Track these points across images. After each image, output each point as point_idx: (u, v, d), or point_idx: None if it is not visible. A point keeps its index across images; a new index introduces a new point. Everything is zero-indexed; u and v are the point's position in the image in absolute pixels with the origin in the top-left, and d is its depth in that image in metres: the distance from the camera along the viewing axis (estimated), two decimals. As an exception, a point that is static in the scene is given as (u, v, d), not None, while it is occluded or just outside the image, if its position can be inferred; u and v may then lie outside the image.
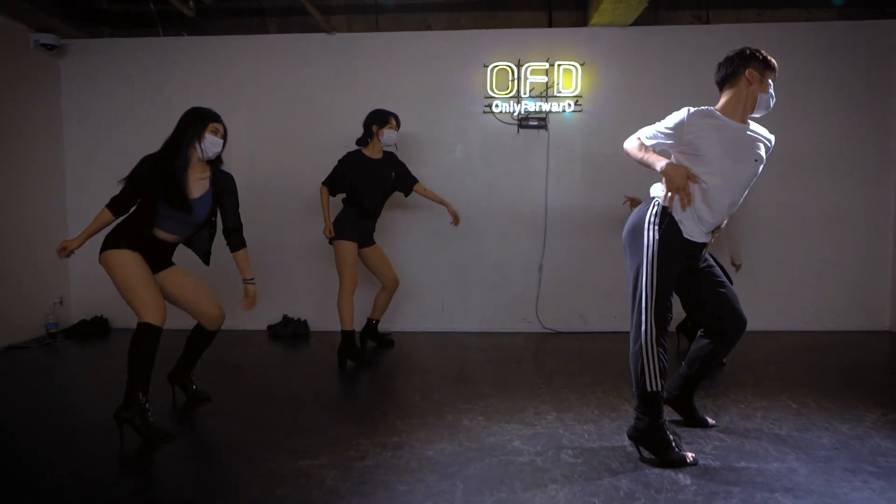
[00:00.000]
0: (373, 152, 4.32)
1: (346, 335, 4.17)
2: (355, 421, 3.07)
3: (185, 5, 4.78)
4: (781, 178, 4.99)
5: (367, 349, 4.59)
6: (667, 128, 2.62)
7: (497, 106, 5.07)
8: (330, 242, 4.26)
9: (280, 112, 5.24)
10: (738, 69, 2.68)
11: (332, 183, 4.32)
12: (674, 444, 2.51)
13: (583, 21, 5.17)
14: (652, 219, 2.58)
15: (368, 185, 4.25)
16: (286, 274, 5.26)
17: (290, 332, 5.11)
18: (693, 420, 2.93)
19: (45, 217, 5.19)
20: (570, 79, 5.02)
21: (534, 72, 5.02)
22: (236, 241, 3.28)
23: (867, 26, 4.99)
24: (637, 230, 2.61)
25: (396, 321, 5.20)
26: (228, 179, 3.23)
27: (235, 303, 4.75)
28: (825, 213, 5.06)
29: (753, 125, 2.75)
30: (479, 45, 5.08)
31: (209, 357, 3.64)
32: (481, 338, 5.00)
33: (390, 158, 4.42)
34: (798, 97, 5.01)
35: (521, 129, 5.10)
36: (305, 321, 5.22)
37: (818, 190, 5.05)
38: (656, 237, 2.54)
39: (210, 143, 3.07)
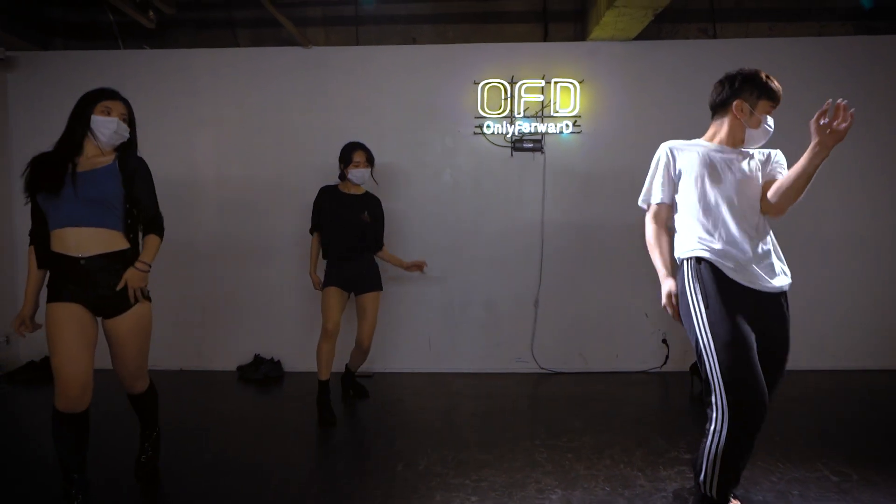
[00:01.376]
0: (348, 188, 3.91)
1: (320, 386, 3.72)
2: (328, 495, 2.61)
3: (144, 15, 4.33)
4: (806, 200, 4.61)
5: (348, 398, 4.13)
6: (658, 175, 2.49)
7: (488, 127, 4.65)
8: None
9: (251, 131, 4.79)
10: (727, 99, 2.37)
11: (314, 223, 3.93)
12: None
13: (581, 35, 4.79)
14: (688, 276, 2.17)
15: (337, 221, 3.81)
16: (258, 308, 4.79)
17: (262, 374, 4.63)
18: None
19: (-10, 247, 4.70)
20: (567, 97, 4.62)
21: (528, 90, 4.62)
22: (152, 228, 2.70)
23: (884, 41, 4.65)
24: (681, 300, 2.21)
25: (380, 360, 4.75)
26: (139, 161, 2.68)
27: (204, 338, 4.30)
28: (844, 237, 4.69)
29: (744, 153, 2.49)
30: (469, 61, 4.67)
31: (169, 404, 3.16)
32: (472, 380, 4.56)
33: (369, 200, 3.95)
34: (810, 116, 4.64)
35: (514, 152, 4.68)
36: (279, 361, 4.75)
37: (837, 212, 4.68)
38: (697, 290, 2.12)
39: (100, 124, 2.55)
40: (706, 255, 2.22)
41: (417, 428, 3.59)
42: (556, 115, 4.64)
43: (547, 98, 4.63)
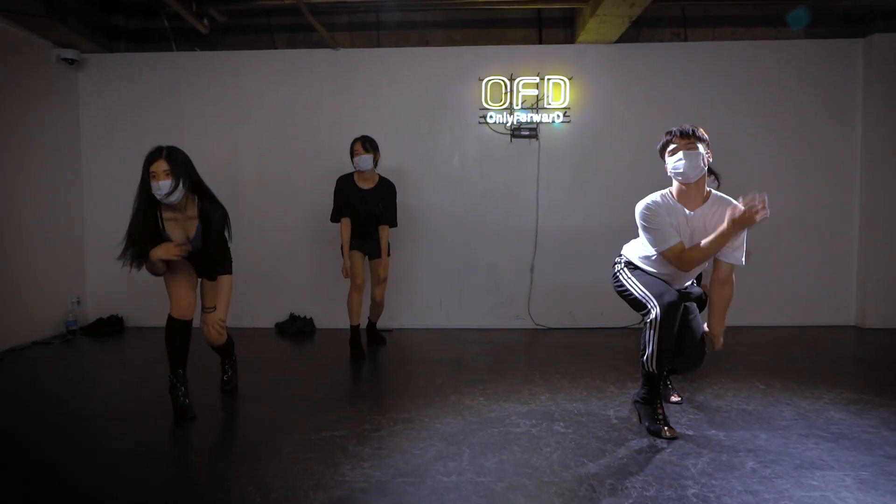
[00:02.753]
0: (360, 180, 4.44)
1: (352, 330, 4.50)
2: (367, 401, 3.40)
3: (200, 22, 5.11)
4: (758, 184, 5.37)
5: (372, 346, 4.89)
6: (650, 225, 2.81)
7: (491, 117, 5.43)
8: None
9: (287, 122, 5.57)
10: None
11: (336, 211, 4.48)
12: (659, 419, 2.85)
13: (570, 38, 5.56)
14: (621, 268, 3.12)
15: (358, 209, 4.45)
16: (293, 274, 5.57)
17: (297, 329, 5.41)
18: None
19: (65, 224, 5.47)
20: (559, 92, 5.39)
21: (525, 85, 5.40)
22: (222, 269, 3.30)
23: (833, 44, 5.41)
24: (615, 281, 3.11)
25: (397, 318, 5.53)
26: (213, 213, 3.13)
27: (247, 300, 4.98)
28: (796, 216, 5.44)
29: (714, 200, 2.84)
30: (474, 61, 5.45)
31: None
32: (478, 333, 5.33)
33: (382, 190, 4.48)
34: (770, 109, 5.43)
35: (513, 139, 5.46)
36: (311, 319, 5.53)
37: (790, 194, 5.43)
38: (626, 270, 3.09)
39: (156, 190, 2.94)
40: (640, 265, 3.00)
41: (433, 361, 4.36)
42: (549, 107, 5.41)
43: (541, 92, 5.41)
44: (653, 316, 2.76)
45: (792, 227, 5.45)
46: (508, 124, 5.44)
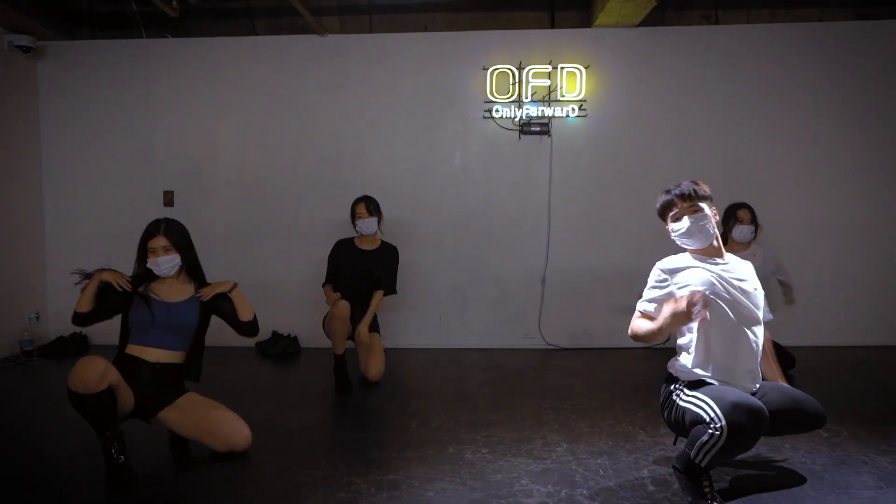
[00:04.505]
0: (361, 242, 4.13)
1: (335, 359, 3.91)
2: (347, 456, 2.80)
3: (168, 5, 4.53)
4: (800, 186, 4.79)
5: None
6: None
7: (497, 111, 4.83)
8: None
9: (269, 116, 5.00)
10: None
11: (329, 276, 4.14)
12: (708, 496, 2.23)
13: (587, 21, 4.95)
14: None
15: (350, 274, 4.04)
16: (276, 288, 4.98)
17: (280, 350, 4.84)
18: None
19: (22, 227, 4.93)
20: (573, 82, 4.79)
21: (536, 75, 4.79)
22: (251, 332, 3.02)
23: (884, 26, 4.79)
24: None
25: (391, 337, 4.91)
26: (224, 304, 2.94)
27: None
28: (844, 221, 4.82)
29: (730, 258, 2.46)
30: (479, 47, 4.85)
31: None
32: (481, 355, 4.74)
33: (384, 253, 4.15)
34: (812, 100, 4.81)
35: (522, 135, 4.86)
36: (296, 337, 4.95)
37: (837, 197, 4.82)
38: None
39: (154, 266, 2.79)
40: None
41: (430, 393, 3.77)
42: (562, 99, 4.80)
43: (553, 83, 4.80)
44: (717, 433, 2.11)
45: (842, 233, 4.83)
46: (517, 119, 4.83)
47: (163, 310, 2.80)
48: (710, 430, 2.10)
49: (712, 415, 2.11)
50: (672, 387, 2.44)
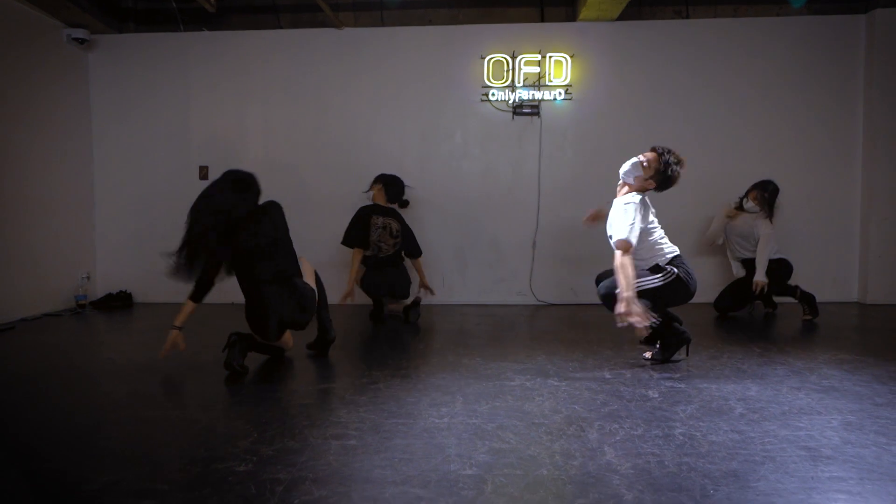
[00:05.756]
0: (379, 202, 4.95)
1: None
2: (367, 359, 3.46)
3: (207, 1, 5.20)
4: (762, 163, 5.41)
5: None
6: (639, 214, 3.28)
7: (493, 94, 5.48)
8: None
9: (293, 101, 5.65)
10: None
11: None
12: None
13: (572, 16, 5.60)
14: None
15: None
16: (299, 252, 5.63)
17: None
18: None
19: (75, 201, 5.59)
20: (560, 69, 5.43)
21: (527, 63, 5.44)
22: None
23: (835, 21, 5.42)
24: None
25: (400, 294, 5.59)
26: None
27: None
28: (801, 194, 5.45)
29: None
30: (477, 39, 5.50)
31: (223, 329, 4.01)
32: (479, 308, 5.39)
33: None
34: (772, 87, 5.44)
35: (515, 116, 5.51)
36: (316, 295, 5.60)
37: (794, 173, 5.44)
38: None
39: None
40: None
41: (435, 331, 4.42)
42: (550, 84, 5.45)
43: (543, 70, 5.45)
44: None
45: (795, 204, 5.45)
46: (510, 101, 5.48)
47: None
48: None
49: None
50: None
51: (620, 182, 3.50)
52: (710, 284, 5.30)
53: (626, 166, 3.39)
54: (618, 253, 3.21)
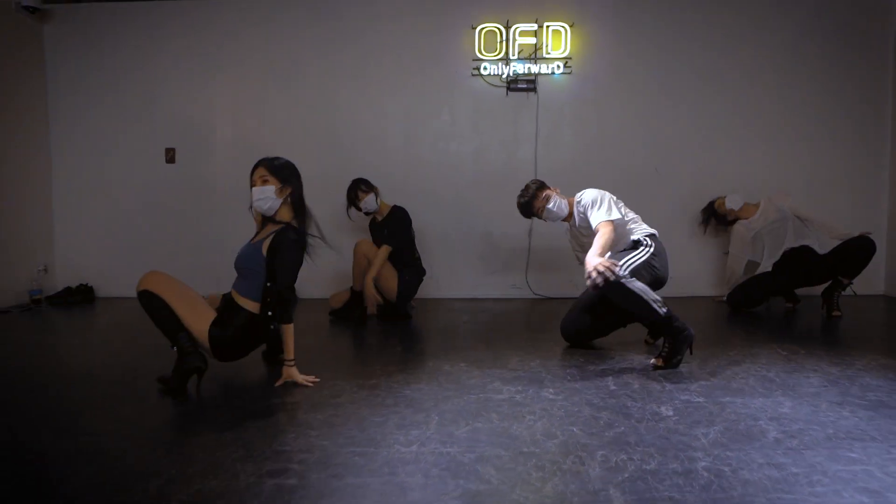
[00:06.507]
0: (376, 215, 4.45)
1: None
2: (334, 366, 3.01)
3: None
4: (785, 147, 4.95)
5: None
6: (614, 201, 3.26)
7: (485, 68, 4.99)
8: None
9: (265, 74, 5.17)
10: None
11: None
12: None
13: (572, -19, 5.09)
14: None
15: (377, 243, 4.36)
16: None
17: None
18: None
19: (31, 185, 5.13)
20: (559, 40, 4.94)
21: (522, 33, 4.95)
22: (279, 311, 2.64)
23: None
24: None
25: (385, 288, 5.13)
26: (284, 239, 2.64)
27: (222, 268, 4.46)
28: (822, 178, 4.98)
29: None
30: (467, 7, 5.02)
31: None
32: (471, 303, 4.93)
33: (391, 216, 4.37)
34: (793, 55, 4.95)
35: (509, 92, 5.02)
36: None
37: (814, 157, 4.98)
38: None
39: (254, 195, 2.72)
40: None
41: (418, 329, 3.97)
42: (548, 56, 4.97)
43: (539, 41, 4.96)
44: None
45: (818, 192, 4.98)
46: (504, 76, 5.00)
47: (241, 250, 2.74)
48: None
49: None
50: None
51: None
52: (721, 277, 4.85)
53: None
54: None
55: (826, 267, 4.16)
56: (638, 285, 2.90)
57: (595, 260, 2.81)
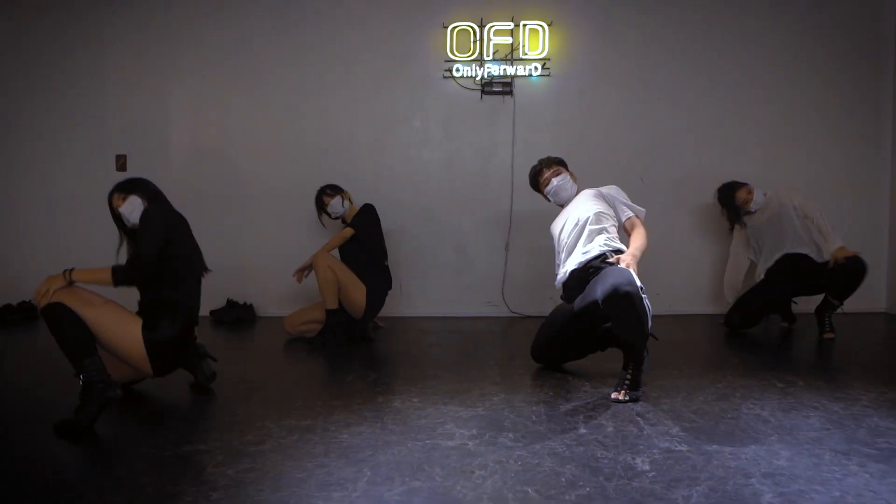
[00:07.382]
0: (346, 220, 4.15)
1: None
2: (267, 403, 2.64)
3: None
4: (780, 155, 4.65)
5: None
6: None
7: (458, 70, 4.66)
8: None
9: (226, 76, 4.83)
10: None
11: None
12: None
13: (551, -22, 4.77)
14: None
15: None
16: (231, 254, 4.81)
17: (234, 317, 4.67)
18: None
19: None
20: (536, 40, 4.62)
21: (497, 32, 4.63)
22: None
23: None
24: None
25: (350, 305, 4.76)
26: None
27: None
28: (821, 179, 4.68)
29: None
30: (438, 4, 4.69)
31: None
32: (443, 322, 4.58)
33: (360, 213, 4.08)
34: (786, 56, 4.66)
35: (484, 95, 4.69)
36: (251, 305, 4.78)
37: (811, 165, 4.69)
38: None
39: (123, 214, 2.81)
40: None
41: (378, 355, 3.62)
42: (525, 57, 4.64)
43: (516, 41, 4.63)
44: None
45: (818, 193, 4.63)
46: (478, 78, 4.67)
47: None
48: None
49: None
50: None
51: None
52: (716, 293, 4.53)
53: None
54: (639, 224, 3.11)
55: (822, 276, 3.83)
56: (648, 304, 2.56)
57: (634, 263, 2.69)
